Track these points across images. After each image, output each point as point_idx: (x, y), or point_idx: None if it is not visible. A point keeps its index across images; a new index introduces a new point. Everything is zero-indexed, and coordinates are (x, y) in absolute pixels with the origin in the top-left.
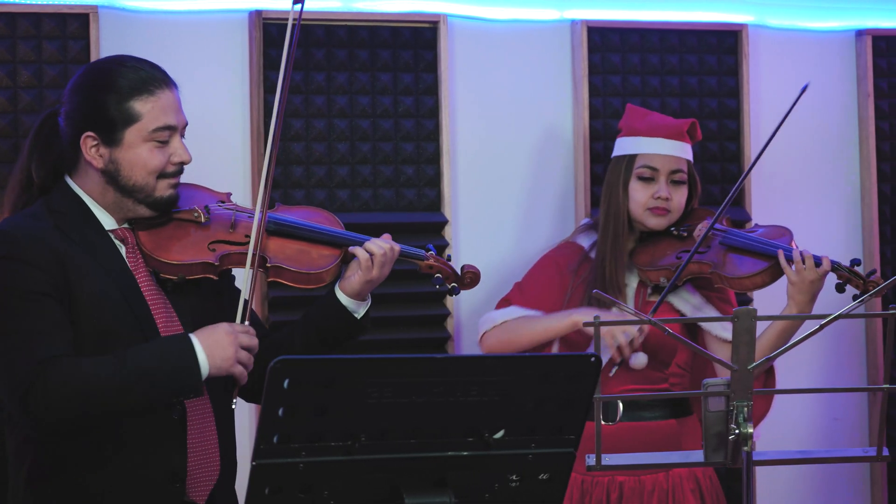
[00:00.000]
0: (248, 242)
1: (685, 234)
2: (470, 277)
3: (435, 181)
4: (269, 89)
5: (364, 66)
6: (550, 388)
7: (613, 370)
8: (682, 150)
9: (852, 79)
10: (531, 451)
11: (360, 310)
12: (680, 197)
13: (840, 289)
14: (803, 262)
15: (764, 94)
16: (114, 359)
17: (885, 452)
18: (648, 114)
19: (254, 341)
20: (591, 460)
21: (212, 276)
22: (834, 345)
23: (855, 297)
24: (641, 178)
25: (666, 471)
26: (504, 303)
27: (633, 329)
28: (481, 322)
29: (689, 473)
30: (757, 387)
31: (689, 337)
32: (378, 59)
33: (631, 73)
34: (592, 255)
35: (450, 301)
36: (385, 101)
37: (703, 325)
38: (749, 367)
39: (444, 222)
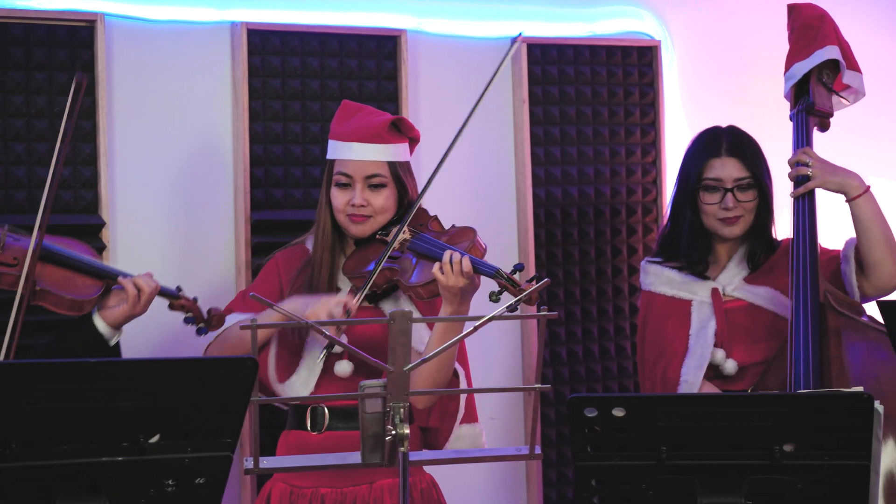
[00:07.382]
0: (15, 265)
1: (386, 238)
2: (216, 319)
3: (92, 183)
4: None
5: (18, 64)
6: (206, 391)
7: (321, 356)
8: (380, 153)
9: (508, 85)
10: (187, 456)
11: (114, 338)
12: (382, 200)
13: (494, 297)
14: (451, 269)
15: (423, 99)
16: None
17: (538, 450)
18: (355, 113)
19: None
20: (248, 463)
21: None
22: (491, 345)
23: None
24: (338, 185)
25: (369, 482)
26: (226, 311)
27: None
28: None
29: (394, 485)
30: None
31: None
32: (33, 57)
33: (291, 76)
34: None
35: None
36: (40, 100)
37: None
38: (405, 369)
39: (102, 224)
